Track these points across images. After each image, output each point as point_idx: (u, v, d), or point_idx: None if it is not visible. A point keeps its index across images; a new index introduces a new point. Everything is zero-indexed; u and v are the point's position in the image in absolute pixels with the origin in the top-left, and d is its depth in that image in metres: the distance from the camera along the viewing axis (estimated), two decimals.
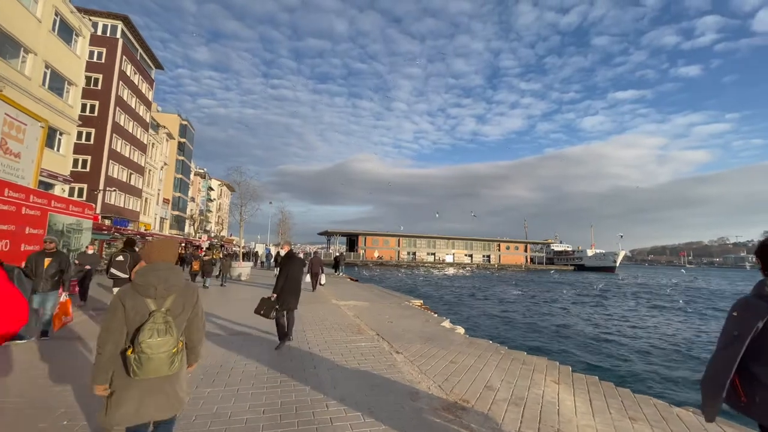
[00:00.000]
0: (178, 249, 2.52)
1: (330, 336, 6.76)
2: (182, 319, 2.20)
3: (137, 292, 2.11)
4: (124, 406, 2.05)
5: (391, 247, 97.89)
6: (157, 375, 2.05)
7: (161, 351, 2.02)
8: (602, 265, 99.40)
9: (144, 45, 38.54)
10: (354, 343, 6.24)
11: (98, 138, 32.18)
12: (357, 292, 14.69)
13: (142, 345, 1.98)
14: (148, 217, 41.56)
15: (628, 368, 9.78)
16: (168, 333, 2.05)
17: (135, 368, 2.00)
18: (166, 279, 2.16)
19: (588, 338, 13.31)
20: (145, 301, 2.09)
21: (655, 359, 10.79)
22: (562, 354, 10.81)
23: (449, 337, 6.93)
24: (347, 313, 9.39)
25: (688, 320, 18.67)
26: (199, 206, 67.28)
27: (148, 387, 2.08)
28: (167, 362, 2.06)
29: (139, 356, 1.99)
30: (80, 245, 12.14)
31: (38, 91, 19.86)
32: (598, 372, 8.33)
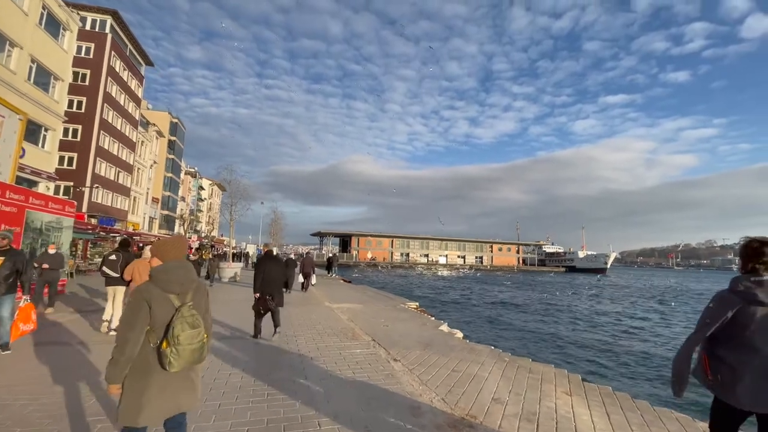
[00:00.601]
0: (187, 247, 2.59)
1: (322, 341, 6.36)
2: (201, 312, 2.28)
3: (161, 288, 2.17)
4: (157, 402, 2.11)
5: (384, 248, 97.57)
6: (190, 365, 2.16)
7: (195, 341, 2.12)
8: (593, 267, 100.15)
9: (134, 41, 37.73)
10: (348, 350, 5.85)
11: (85, 135, 31.31)
12: (350, 293, 14.29)
13: (179, 338, 2.07)
14: (136, 217, 40.65)
15: (638, 376, 9.40)
16: (197, 325, 2.16)
17: (172, 360, 2.07)
18: (186, 275, 2.26)
19: (592, 343, 12.97)
20: (168, 297, 2.17)
21: (664, 366, 10.46)
22: (566, 360, 10.44)
23: (448, 343, 6.58)
24: (340, 317, 8.99)
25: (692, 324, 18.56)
26: (189, 206, 66.21)
27: (176, 380, 2.17)
28: (199, 352, 2.18)
29: (176, 348, 2.07)
30: (60, 244, 11.56)
31: (23, 86, 19.15)
32: (608, 381, 8.03)
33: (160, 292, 2.17)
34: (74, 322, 7.61)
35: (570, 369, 5.94)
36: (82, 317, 8.11)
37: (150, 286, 2.18)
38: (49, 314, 8.05)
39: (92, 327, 7.13)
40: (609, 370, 9.72)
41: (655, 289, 42.49)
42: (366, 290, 16.12)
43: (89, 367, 4.69)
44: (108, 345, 4.11)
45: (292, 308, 10.17)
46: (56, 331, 6.73)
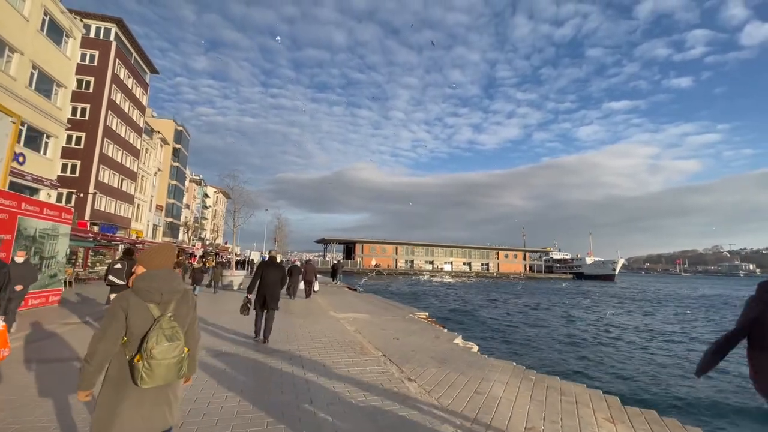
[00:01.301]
0: (175, 254, 2.40)
1: (329, 357, 5.83)
2: (185, 324, 2.15)
3: (140, 297, 2.05)
4: (129, 418, 1.94)
5: (389, 255, 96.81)
6: (165, 382, 1.98)
7: (170, 356, 1.95)
8: (601, 273, 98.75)
9: (138, 49, 37.84)
10: (357, 367, 5.31)
11: (89, 142, 31.22)
12: (356, 303, 13.73)
13: (153, 351, 1.92)
14: (140, 224, 40.42)
15: (684, 397, 8.48)
16: (175, 338, 1.99)
17: (144, 375, 1.92)
18: (169, 284, 2.11)
19: (620, 358, 11.99)
20: (148, 307, 2.04)
21: (713, 388, 9.57)
22: (596, 378, 9.55)
23: (466, 358, 6.01)
24: (347, 328, 8.45)
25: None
26: (194, 213, 66.08)
27: (152, 396, 2.00)
28: (176, 368, 2.00)
29: (149, 362, 1.92)
30: (56, 252, 11.16)
31: (23, 92, 18.96)
32: (648, 404, 7.25)
33: (139, 300, 2.04)
34: (58, 337, 7.13)
35: (603, 388, 5.36)
36: (67, 331, 7.63)
37: (129, 295, 2.05)
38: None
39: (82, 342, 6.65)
40: (646, 391, 8.83)
41: (684, 298, 41.23)
42: (373, 299, 15.55)
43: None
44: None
45: (295, 318, 9.65)
46: (49, 344, 6.25)
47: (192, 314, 2.25)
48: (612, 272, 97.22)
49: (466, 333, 11.85)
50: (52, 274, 11.03)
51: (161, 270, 2.16)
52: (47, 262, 10.81)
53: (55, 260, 11.16)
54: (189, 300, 2.23)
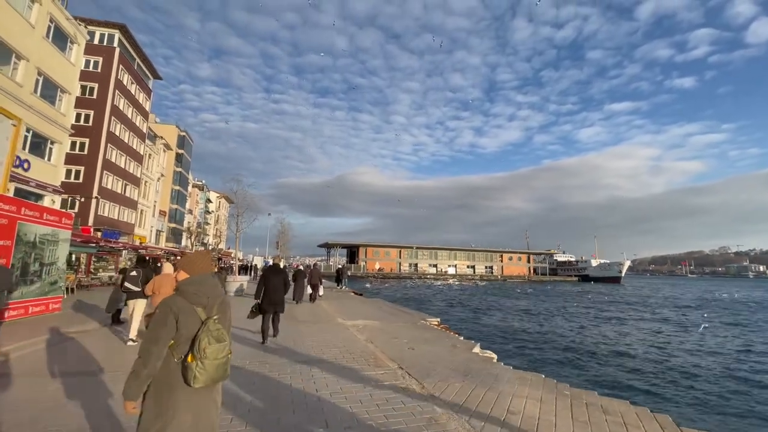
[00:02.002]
0: (214, 260, 2.24)
1: (342, 370, 5.41)
2: (226, 327, 2.22)
3: (188, 300, 2.13)
4: (182, 422, 1.98)
5: (393, 258, 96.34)
6: (215, 381, 2.06)
7: (220, 356, 2.03)
8: (607, 276, 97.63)
9: (141, 54, 37.85)
10: (374, 382, 4.89)
11: (92, 148, 31.10)
12: (364, 308, 13.31)
13: (206, 351, 1.99)
14: (143, 230, 40.24)
15: (743, 414, 7.78)
16: (222, 339, 2.08)
17: (197, 375, 1.98)
18: (213, 289, 2.23)
19: (655, 368, 11.18)
20: (195, 310, 2.12)
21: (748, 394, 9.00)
22: (637, 392, 8.82)
23: (490, 370, 5.58)
24: (357, 336, 8.03)
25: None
26: (197, 219, 65.98)
27: (200, 399, 2.07)
28: (224, 368, 2.07)
29: (203, 362, 1.98)
30: (56, 258, 10.83)
31: (29, 98, 18.83)
32: (700, 422, 6.69)
33: (187, 304, 2.12)
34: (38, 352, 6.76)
35: (649, 405, 4.91)
36: (65, 341, 7.26)
37: (177, 299, 2.13)
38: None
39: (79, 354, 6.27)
40: (694, 407, 8.11)
41: (700, 301, 40.39)
42: (380, 304, 15.11)
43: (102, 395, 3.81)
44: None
45: (302, 326, 9.25)
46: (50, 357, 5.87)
47: (230, 317, 2.32)
48: (618, 274, 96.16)
49: (482, 340, 11.31)
50: (52, 280, 10.70)
51: (205, 275, 2.26)
52: (47, 269, 10.48)
53: (56, 266, 10.83)
54: (227, 304, 2.32)
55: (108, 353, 6.35)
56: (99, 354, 6.25)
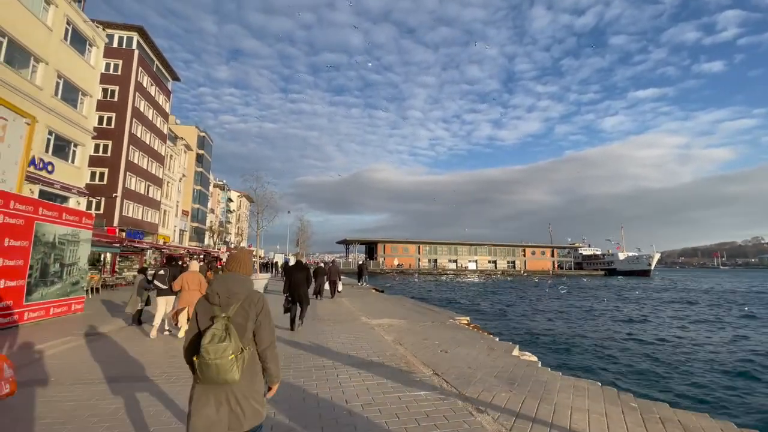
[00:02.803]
0: (250, 259, 2.47)
1: (372, 377, 4.88)
2: (245, 327, 2.13)
3: (206, 299, 2.19)
4: (199, 413, 2.03)
5: (411, 254, 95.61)
6: (217, 382, 2.00)
7: (219, 357, 1.95)
8: (636, 269, 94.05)
9: (160, 56, 38.29)
10: (409, 391, 4.34)
11: (115, 150, 31.65)
12: (388, 306, 12.78)
13: (202, 349, 1.97)
14: (167, 230, 40.93)
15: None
16: (227, 339, 2.00)
17: (198, 373, 2.01)
18: (228, 287, 2.18)
19: (722, 367, 10.10)
20: (211, 308, 2.14)
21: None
22: (701, 400, 7.85)
23: (538, 377, 4.94)
24: (384, 337, 7.51)
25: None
26: (218, 218, 67.00)
27: (215, 396, 2.04)
28: (226, 369, 1.96)
29: (201, 360, 1.97)
30: (77, 259, 10.74)
31: (50, 101, 19.08)
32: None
33: (205, 302, 2.20)
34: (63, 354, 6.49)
35: (729, 418, 4.18)
36: (82, 345, 7.01)
37: (201, 297, 2.25)
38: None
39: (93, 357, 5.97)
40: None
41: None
42: (404, 302, 14.57)
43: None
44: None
45: (326, 326, 8.80)
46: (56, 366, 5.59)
47: (257, 318, 2.19)
48: (648, 267, 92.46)
49: (517, 340, 10.47)
50: (74, 281, 10.61)
51: (228, 273, 2.28)
52: (68, 269, 10.39)
53: (77, 267, 10.74)
54: (253, 304, 2.21)
55: (126, 356, 6.03)
56: (116, 357, 5.94)
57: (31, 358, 5.81)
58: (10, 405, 3.76)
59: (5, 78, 16.01)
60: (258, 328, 2.19)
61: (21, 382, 4.62)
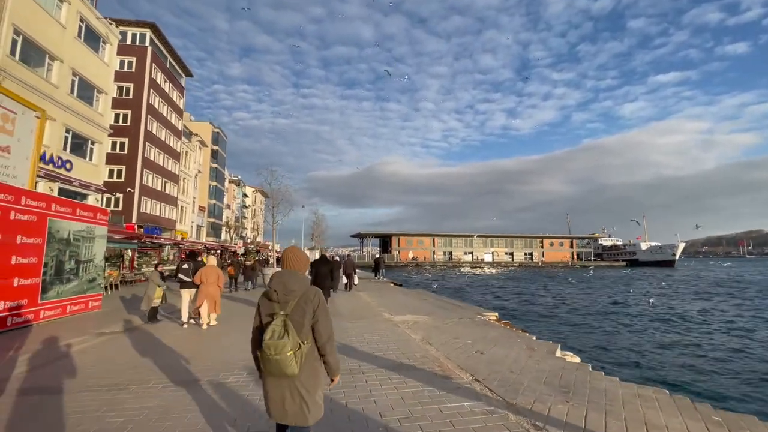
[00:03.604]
0: (305, 259, 2.51)
1: (403, 384, 4.37)
2: (303, 323, 2.20)
3: (266, 296, 2.30)
4: (268, 401, 2.21)
5: (426, 247, 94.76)
6: (278, 375, 2.11)
7: (278, 352, 2.05)
8: (660, 260, 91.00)
9: (173, 52, 38.29)
10: (450, 402, 3.81)
11: (132, 147, 31.88)
12: (409, 301, 12.27)
13: (263, 345, 2.07)
14: (184, 226, 41.31)
15: None
16: (285, 336, 2.08)
17: (261, 365, 2.16)
18: (285, 284, 2.24)
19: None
20: (272, 305, 2.24)
21: None
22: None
23: (594, 384, 4.35)
24: (411, 336, 7.00)
25: None
26: (234, 213, 67.56)
27: (280, 387, 2.16)
28: (286, 364, 2.06)
29: (263, 355, 2.09)
30: (93, 255, 10.55)
31: (66, 99, 19.08)
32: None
33: (264, 298, 2.30)
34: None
35: None
36: (97, 344, 6.72)
37: (263, 293, 2.34)
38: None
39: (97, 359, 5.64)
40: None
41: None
42: (425, 296, 14.03)
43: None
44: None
45: (347, 323, 8.34)
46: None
47: (315, 313, 2.24)
48: (672, 257, 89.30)
49: (555, 338, 9.64)
50: (90, 278, 10.44)
51: (284, 270, 2.37)
52: (84, 266, 10.20)
53: (93, 263, 10.56)
54: (309, 300, 2.24)
55: (138, 358, 5.69)
56: (129, 359, 5.61)
57: (40, 360, 5.52)
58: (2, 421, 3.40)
59: (21, 76, 15.97)
60: (316, 323, 2.23)
61: (24, 388, 4.29)
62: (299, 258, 2.41)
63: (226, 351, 6.07)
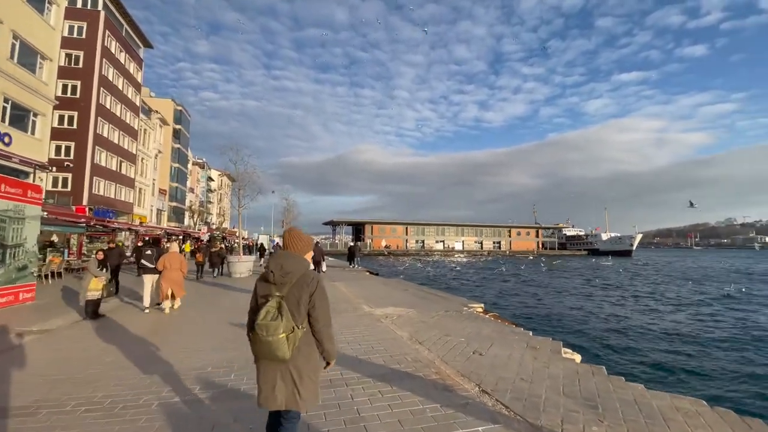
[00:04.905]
0: (306, 240, 2.37)
1: (397, 400, 3.58)
2: (299, 306, 2.11)
3: (263, 277, 2.21)
4: (259, 386, 2.12)
5: (399, 235, 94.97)
6: (270, 358, 2.04)
7: (270, 333, 1.98)
8: (618, 249, 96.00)
9: (129, 20, 34.94)
10: (458, 426, 3.06)
11: (82, 122, 28.91)
12: (389, 292, 11.52)
13: (255, 326, 2.02)
14: (143, 209, 38.50)
15: None
16: (279, 317, 2.01)
17: (253, 348, 2.09)
18: (282, 265, 2.15)
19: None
20: (268, 286, 2.16)
21: None
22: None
23: (621, 395, 3.73)
24: (397, 333, 6.24)
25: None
26: (199, 197, 64.19)
27: (272, 371, 2.08)
28: (277, 346, 1.98)
29: (254, 336, 2.04)
30: (23, 240, 9.02)
31: (5, 65, 16.73)
32: None
33: (261, 280, 2.21)
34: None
35: None
36: (22, 344, 5.49)
37: (260, 275, 2.25)
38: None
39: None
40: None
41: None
42: (406, 286, 13.33)
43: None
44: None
45: None
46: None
47: (311, 297, 2.13)
48: (629, 248, 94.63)
49: (547, 333, 8.97)
50: (20, 265, 8.93)
51: (282, 252, 2.25)
52: (12, 252, 8.70)
53: (23, 249, 9.05)
54: (306, 284, 2.14)
55: (67, 367, 4.58)
56: (54, 370, 4.48)
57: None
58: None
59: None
60: (312, 308, 2.14)
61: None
62: (299, 239, 2.28)
63: (185, 353, 5.06)
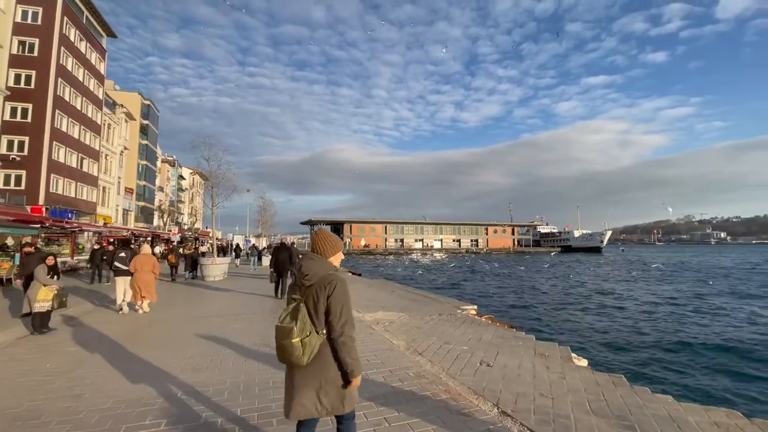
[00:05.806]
0: (332, 242, 2.20)
1: (407, 427, 3.07)
2: (317, 310, 2.00)
3: (294, 280, 2.15)
4: (286, 388, 2.05)
5: (378, 234, 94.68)
6: (287, 362, 1.99)
7: (283, 337, 1.92)
8: (589, 246, 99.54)
9: (91, 7, 32.73)
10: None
11: (37, 115, 26.76)
12: (377, 295, 10.97)
13: (276, 329, 1.98)
14: (107, 209, 36.26)
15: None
16: (293, 320, 1.93)
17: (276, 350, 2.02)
18: (302, 267, 2.09)
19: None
20: (294, 289, 2.10)
21: None
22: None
23: (651, 408, 3.35)
24: (392, 342, 5.72)
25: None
26: (169, 196, 61.41)
27: (299, 375, 1.99)
28: (291, 351, 1.90)
29: (275, 339, 1.99)
30: None
31: None
32: None
33: (294, 283, 2.16)
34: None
35: None
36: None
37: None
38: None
39: None
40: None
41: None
42: (393, 288, 12.81)
43: None
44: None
45: None
46: None
47: (328, 301, 1.99)
48: (600, 244, 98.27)
49: (542, 334, 8.60)
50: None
51: (307, 254, 2.19)
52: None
53: None
54: (324, 287, 2.01)
55: (10, 392, 3.79)
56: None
57: None
58: None
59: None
60: (327, 313, 2.00)
61: None
62: (324, 240, 2.17)
63: (150, 376, 4.35)
